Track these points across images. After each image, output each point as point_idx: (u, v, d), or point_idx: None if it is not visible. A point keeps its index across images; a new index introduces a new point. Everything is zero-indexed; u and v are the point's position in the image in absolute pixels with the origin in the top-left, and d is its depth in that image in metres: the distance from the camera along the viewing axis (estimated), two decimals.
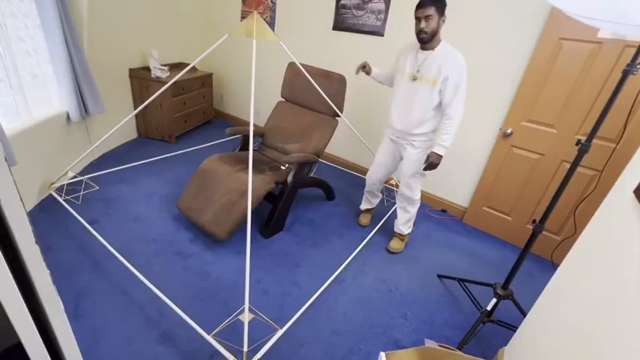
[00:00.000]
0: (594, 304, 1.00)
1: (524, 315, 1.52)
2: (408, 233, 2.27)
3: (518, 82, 2.23)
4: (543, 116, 2.17)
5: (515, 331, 1.51)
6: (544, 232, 2.19)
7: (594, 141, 1.29)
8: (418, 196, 2.15)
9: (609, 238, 1.05)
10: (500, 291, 1.63)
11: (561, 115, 2.11)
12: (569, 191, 1.57)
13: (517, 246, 2.49)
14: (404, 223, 2.22)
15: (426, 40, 1.72)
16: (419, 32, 1.71)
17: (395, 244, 2.26)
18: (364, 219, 2.52)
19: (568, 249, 1.28)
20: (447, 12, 1.70)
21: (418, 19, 1.70)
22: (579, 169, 1.39)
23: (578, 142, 1.29)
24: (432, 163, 1.87)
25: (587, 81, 1.97)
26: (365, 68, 2.14)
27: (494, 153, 2.44)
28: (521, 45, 2.17)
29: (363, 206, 2.51)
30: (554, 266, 2.29)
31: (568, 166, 2.08)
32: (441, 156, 1.85)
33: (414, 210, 2.19)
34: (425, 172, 2.00)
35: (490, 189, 2.53)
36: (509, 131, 2.30)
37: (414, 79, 1.83)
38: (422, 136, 1.95)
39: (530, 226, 2.38)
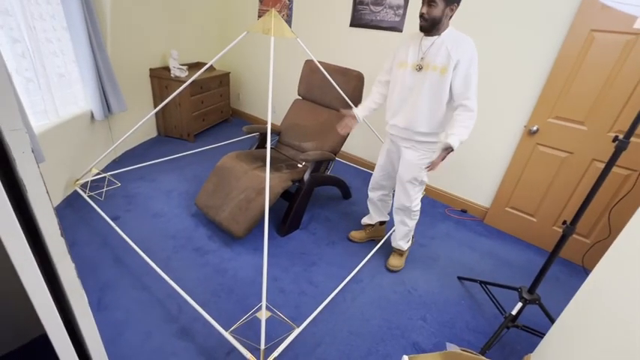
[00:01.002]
0: (632, 314, 0.93)
1: (552, 321, 1.44)
2: (408, 248, 2.07)
3: (545, 77, 2.13)
4: (572, 112, 2.06)
5: (541, 337, 1.44)
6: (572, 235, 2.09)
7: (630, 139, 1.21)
8: (417, 207, 1.90)
9: None
10: (526, 295, 1.56)
11: (592, 111, 2.00)
12: (600, 191, 1.48)
13: (542, 248, 2.39)
14: (402, 238, 2.00)
15: (424, 27, 1.53)
16: (420, 16, 1.52)
17: (395, 262, 2.04)
18: (357, 234, 2.24)
19: (599, 252, 1.21)
20: (469, 0, 1.57)
21: (423, 0, 1.50)
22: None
23: (615, 138, 1.21)
24: (442, 157, 1.58)
25: (622, 75, 1.86)
26: (348, 125, 1.92)
27: (519, 151, 2.34)
28: (549, 38, 2.07)
29: (363, 220, 2.25)
30: (585, 270, 2.19)
31: (599, 165, 2.01)
32: (453, 150, 1.54)
33: (412, 223, 1.95)
34: (424, 181, 1.82)
35: (513, 189, 2.43)
36: (534, 128, 2.21)
37: (420, 69, 1.59)
38: (428, 137, 1.69)
39: (557, 228, 2.30)
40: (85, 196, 2.31)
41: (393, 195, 2.04)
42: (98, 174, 2.50)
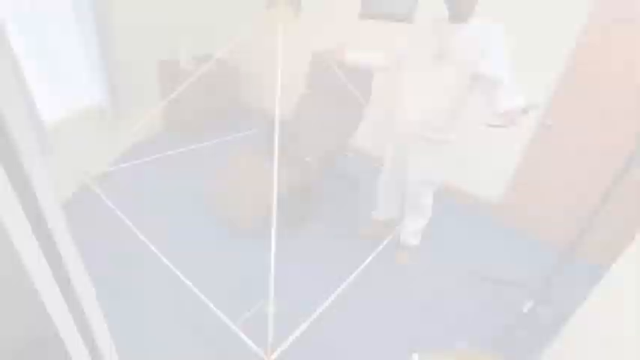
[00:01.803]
0: None
1: (566, 320, 1.41)
2: (416, 245, 2.05)
3: (562, 69, 2.05)
4: (592, 106, 1.99)
5: (554, 336, 1.41)
6: (587, 232, 2.03)
7: None
8: (428, 206, 1.90)
9: None
10: (539, 293, 1.52)
11: (614, 105, 1.92)
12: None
13: (555, 245, 2.33)
14: (411, 234, 1.99)
15: (466, 12, 1.42)
16: None
17: (402, 258, 2.05)
18: (365, 230, 2.24)
19: (617, 251, 1.17)
20: None
21: None
22: None
23: None
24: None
25: None
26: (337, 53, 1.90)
27: (534, 146, 2.28)
28: (567, 27, 1.98)
29: (372, 216, 2.24)
30: (602, 269, 2.13)
31: (620, 160, 1.93)
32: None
33: (423, 221, 1.95)
34: (437, 180, 1.76)
35: (527, 184, 2.37)
36: (550, 123, 2.14)
37: (438, 59, 1.50)
38: (436, 134, 1.61)
39: (572, 225, 2.23)
40: (94, 190, 2.33)
41: (403, 193, 2.01)
42: (107, 168, 2.51)
